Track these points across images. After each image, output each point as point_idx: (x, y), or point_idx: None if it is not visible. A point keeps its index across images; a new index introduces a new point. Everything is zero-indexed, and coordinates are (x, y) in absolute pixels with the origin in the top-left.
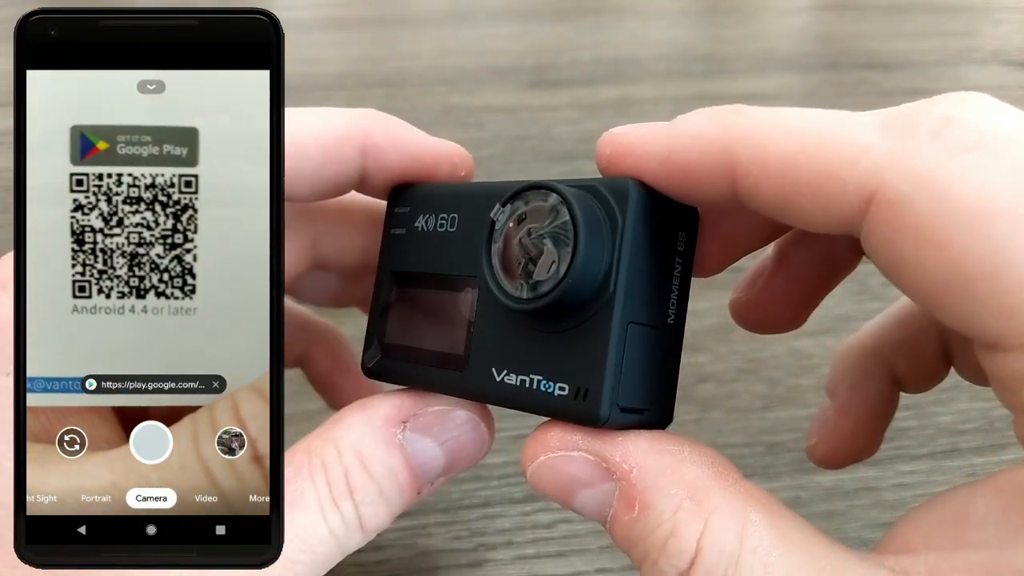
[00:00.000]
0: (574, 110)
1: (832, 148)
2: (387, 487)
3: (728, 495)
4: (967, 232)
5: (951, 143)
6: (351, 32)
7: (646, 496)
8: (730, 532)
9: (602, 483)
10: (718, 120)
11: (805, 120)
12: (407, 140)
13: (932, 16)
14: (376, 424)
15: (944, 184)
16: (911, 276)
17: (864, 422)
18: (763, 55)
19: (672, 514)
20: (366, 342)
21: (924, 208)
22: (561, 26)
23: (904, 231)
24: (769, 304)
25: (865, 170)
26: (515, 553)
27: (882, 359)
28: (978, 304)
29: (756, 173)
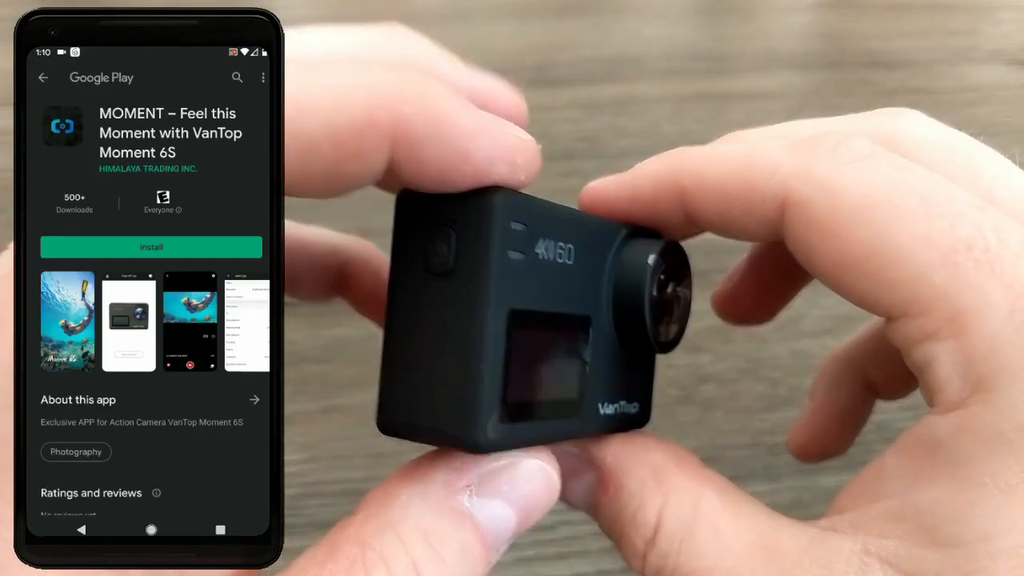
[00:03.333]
0: (574, 109)
1: (751, 168)
2: (460, 567)
3: (685, 476)
4: (854, 222)
5: (844, 155)
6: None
7: (619, 478)
8: (686, 505)
9: (586, 472)
10: (666, 161)
11: (732, 152)
12: (454, 129)
13: (933, 15)
14: (437, 495)
15: (836, 185)
16: (818, 263)
17: (835, 422)
18: (764, 54)
19: (639, 491)
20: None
21: (821, 205)
22: (561, 24)
23: (808, 226)
24: (742, 299)
25: (778, 181)
26: (516, 555)
27: (856, 367)
28: (868, 281)
29: (699, 196)
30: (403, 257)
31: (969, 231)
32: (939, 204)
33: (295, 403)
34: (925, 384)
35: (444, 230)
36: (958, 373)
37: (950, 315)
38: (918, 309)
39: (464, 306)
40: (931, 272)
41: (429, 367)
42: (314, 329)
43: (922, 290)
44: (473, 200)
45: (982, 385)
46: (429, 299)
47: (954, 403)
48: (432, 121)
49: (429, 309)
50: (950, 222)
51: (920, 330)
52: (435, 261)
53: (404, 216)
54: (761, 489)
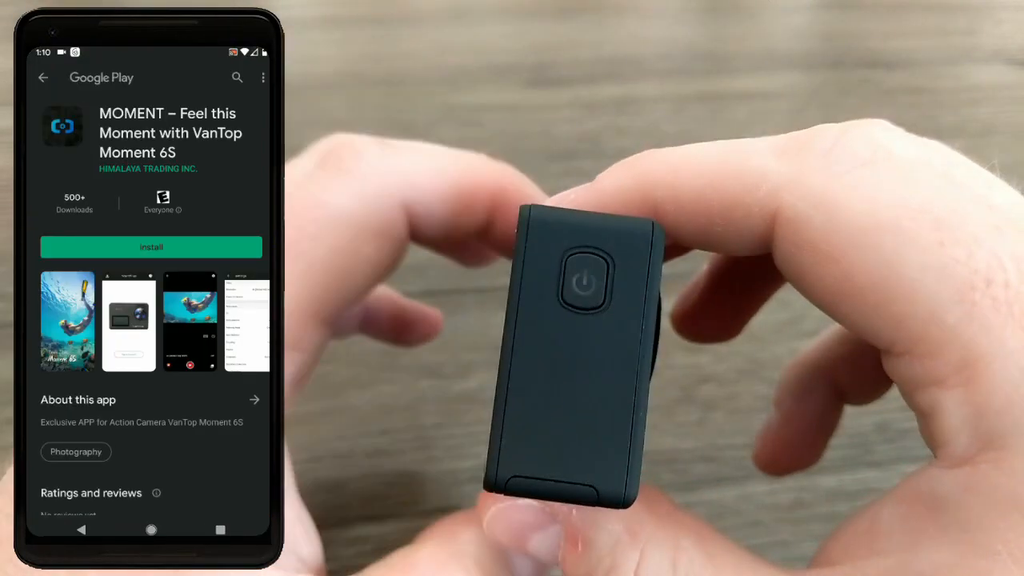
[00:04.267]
0: (574, 109)
1: (735, 179)
2: None
3: (660, 524)
4: (856, 246)
5: (842, 160)
6: (350, 31)
7: (587, 533)
8: (664, 560)
9: (549, 525)
10: (632, 171)
11: (709, 156)
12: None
13: (934, 15)
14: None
15: (835, 200)
16: (811, 288)
17: (805, 431)
18: (765, 53)
19: (611, 548)
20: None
21: (818, 224)
22: (561, 24)
23: (802, 247)
24: (703, 317)
25: (766, 193)
26: None
27: (824, 372)
28: (870, 313)
29: (674, 212)
30: (529, 284)
31: (987, 261)
32: (953, 228)
33: (295, 403)
34: (927, 430)
35: (594, 259)
36: (967, 426)
37: (962, 361)
38: (926, 350)
39: (620, 348)
40: (944, 311)
41: (566, 415)
42: None
43: (932, 330)
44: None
45: (994, 442)
46: (566, 337)
47: (961, 459)
48: (521, 192)
49: (566, 349)
50: (966, 250)
51: (926, 373)
52: (579, 294)
53: (533, 235)
54: (761, 489)
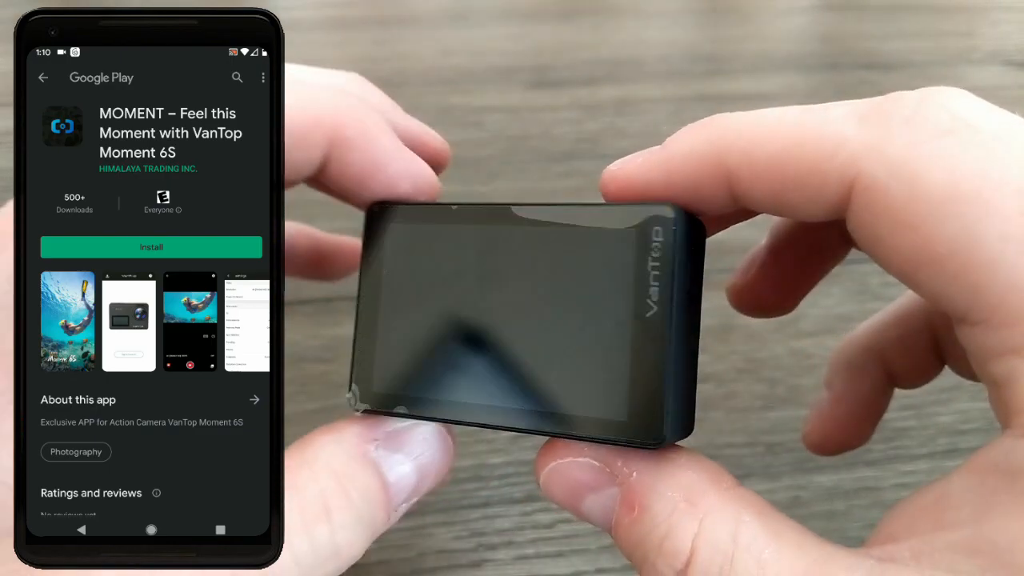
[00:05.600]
0: (574, 110)
1: (812, 144)
2: (365, 509)
3: (722, 497)
4: (936, 214)
5: (923, 129)
6: (351, 32)
7: (644, 499)
8: (724, 531)
9: (607, 487)
10: (705, 134)
11: (786, 119)
12: (376, 145)
13: (931, 16)
14: (350, 442)
15: (916, 169)
16: (888, 256)
17: (856, 412)
18: (763, 55)
19: (668, 515)
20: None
21: (897, 192)
22: (561, 26)
23: (880, 215)
24: (762, 289)
25: (844, 161)
26: (515, 553)
27: (876, 354)
28: (947, 281)
29: (748, 177)
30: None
31: None
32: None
33: (295, 403)
34: (1000, 400)
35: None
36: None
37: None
38: (1003, 319)
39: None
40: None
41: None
42: (314, 329)
43: (1010, 299)
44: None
45: None
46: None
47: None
48: (362, 134)
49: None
50: None
51: (1002, 342)
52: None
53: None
54: (760, 488)
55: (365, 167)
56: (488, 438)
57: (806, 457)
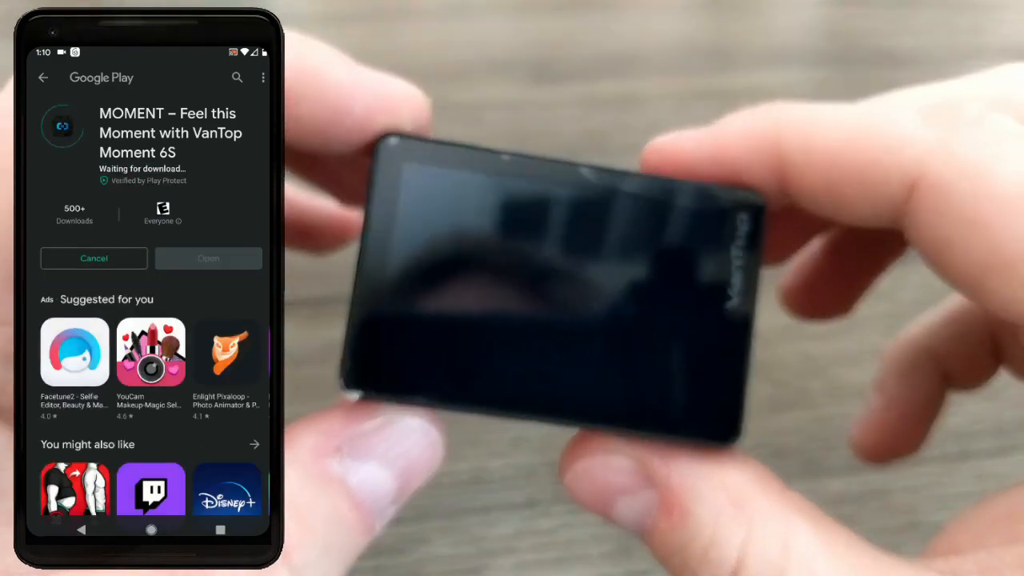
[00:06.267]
0: (576, 105)
1: (875, 138)
2: (333, 537)
3: (771, 502)
4: (1008, 213)
5: (990, 132)
6: (348, 26)
7: (686, 502)
8: (775, 540)
9: (642, 490)
10: (762, 117)
11: (847, 113)
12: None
13: (940, 11)
14: (305, 460)
15: (984, 168)
16: (955, 260)
17: (910, 416)
18: (769, 50)
19: (713, 521)
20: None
21: (965, 192)
22: (563, 20)
23: (947, 215)
24: (819, 291)
25: (908, 159)
26: (515, 559)
27: (931, 355)
28: (1019, 285)
29: (803, 165)
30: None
31: None
32: None
33: (288, 407)
34: None
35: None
36: None
37: None
38: None
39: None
40: None
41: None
42: (309, 331)
43: None
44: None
45: None
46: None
47: None
48: (306, 74)
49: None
50: None
51: None
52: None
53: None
54: None
55: (323, 115)
56: (488, 439)
57: (814, 460)
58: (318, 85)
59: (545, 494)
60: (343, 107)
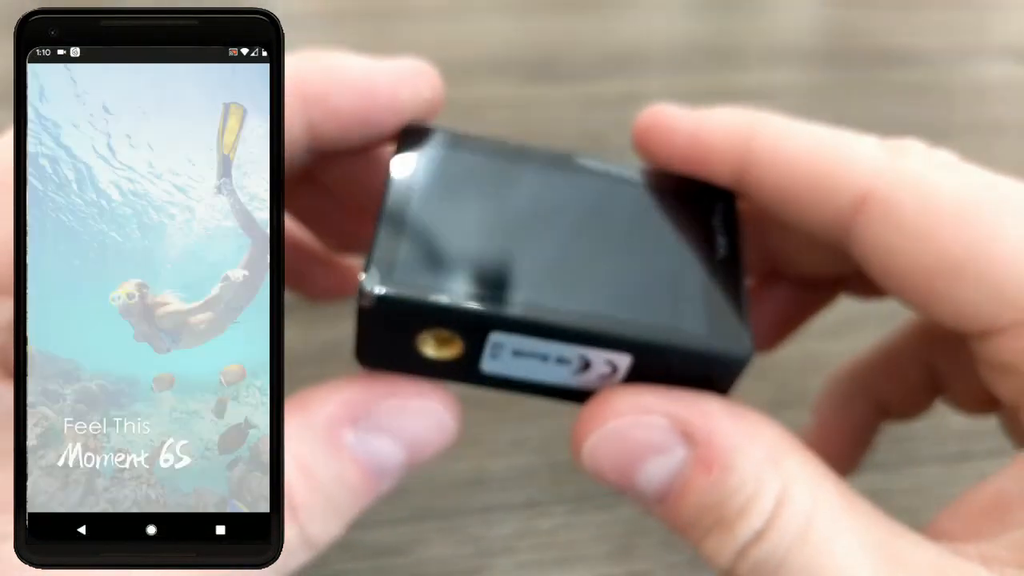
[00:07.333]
0: (577, 104)
1: (833, 152)
2: (339, 497)
3: (802, 456)
4: (952, 223)
5: (935, 160)
6: (347, 24)
7: (727, 458)
8: (806, 493)
9: (675, 449)
10: (741, 116)
11: (814, 129)
12: (349, 72)
13: (942, 11)
14: (319, 426)
15: (928, 185)
16: (903, 267)
17: (843, 442)
18: (771, 49)
19: (755, 475)
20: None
21: (912, 205)
22: (564, 18)
23: (895, 226)
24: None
25: (860, 173)
26: (515, 560)
27: (866, 385)
28: (968, 287)
29: (765, 164)
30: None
31: None
32: None
33: None
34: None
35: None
36: None
37: None
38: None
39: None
40: None
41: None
42: (306, 334)
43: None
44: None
45: None
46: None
47: None
48: (327, 72)
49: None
50: None
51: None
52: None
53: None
54: None
55: (355, 101)
56: (488, 439)
57: None
58: (342, 77)
59: (545, 495)
60: (369, 89)
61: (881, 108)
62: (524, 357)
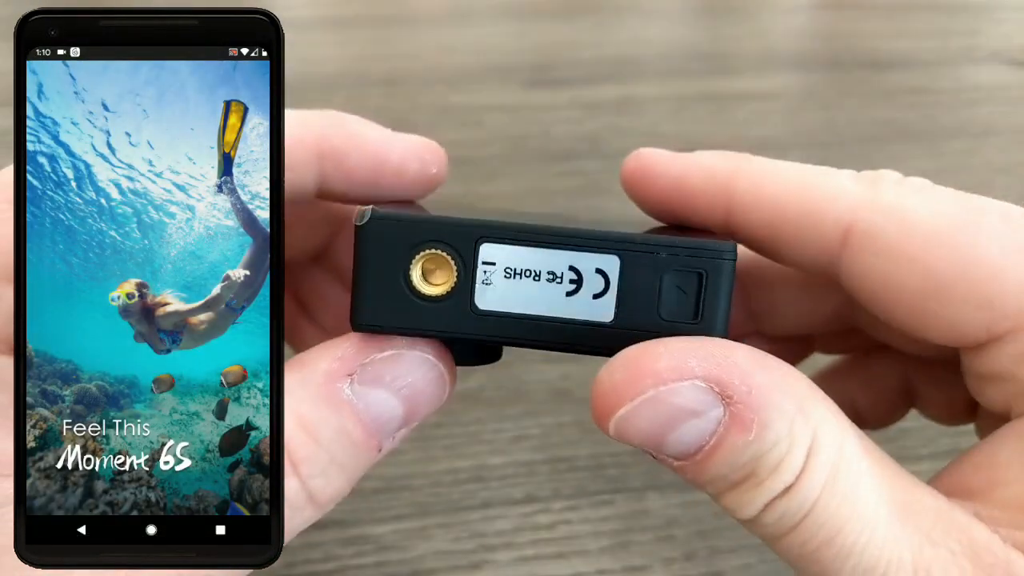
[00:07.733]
0: (574, 109)
1: (815, 190)
2: (339, 452)
3: (830, 407)
4: (934, 244)
5: (909, 187)
6: (351, 31)
7: (764, 415)
8: (833, 442)
9: (711, 410)
10: (726, 158)
11: (794, 168)
12: (367, 139)
13: (933, 15)
14: (317, 382)
15: (907, 211)
16: (894, 294)
17: None
18: (764, 54)
19: (789, 430)
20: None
21: (894, 231)
22: (562, 25)
23: (880, 254)
24: None
25: (842, 207)
26: (515, 555)
27: (842, 393)
28: (959, 304)
29: (750, 205)
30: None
31: None
32: (1016, 218)
33: None
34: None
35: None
36: None
37: None
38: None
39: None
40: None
41: None
42: None
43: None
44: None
45: None
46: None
47: None
48: (347, 138)
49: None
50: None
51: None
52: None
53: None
54: None
55: (365, 165)
56: (487, 439)
57: None
58: (360, 143)
59: (544, 491)
60: (382, 158)
61: (873, 112)
62: (516, 280)
